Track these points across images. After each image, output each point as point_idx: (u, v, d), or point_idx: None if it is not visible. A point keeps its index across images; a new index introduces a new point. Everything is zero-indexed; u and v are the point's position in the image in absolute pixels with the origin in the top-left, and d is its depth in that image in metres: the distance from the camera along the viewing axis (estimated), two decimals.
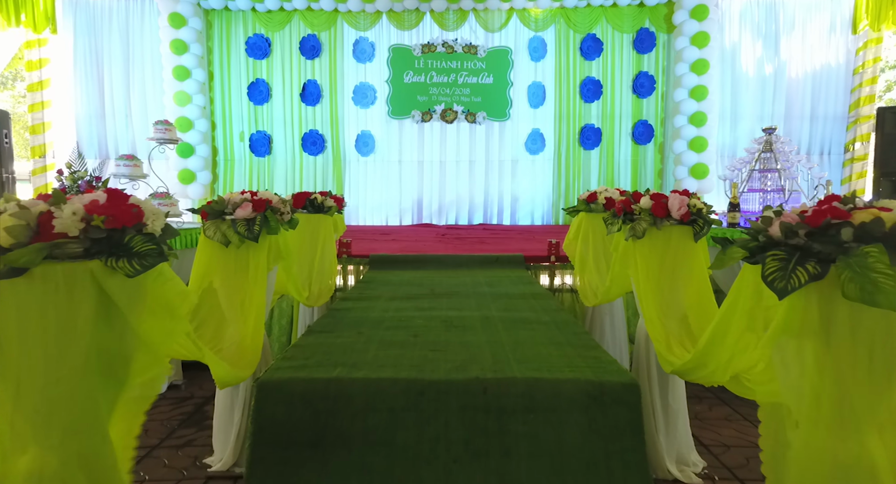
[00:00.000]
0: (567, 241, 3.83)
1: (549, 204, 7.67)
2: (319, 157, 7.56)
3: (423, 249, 4.72)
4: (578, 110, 7.55)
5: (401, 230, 6.57)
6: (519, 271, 3.98)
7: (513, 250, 4.61)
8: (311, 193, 3.63)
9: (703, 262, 2.50)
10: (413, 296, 3.05)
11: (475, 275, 3.81)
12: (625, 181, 7.61)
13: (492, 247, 4.85)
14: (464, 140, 7.64)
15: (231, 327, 2.26)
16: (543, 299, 2.99)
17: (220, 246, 2.38)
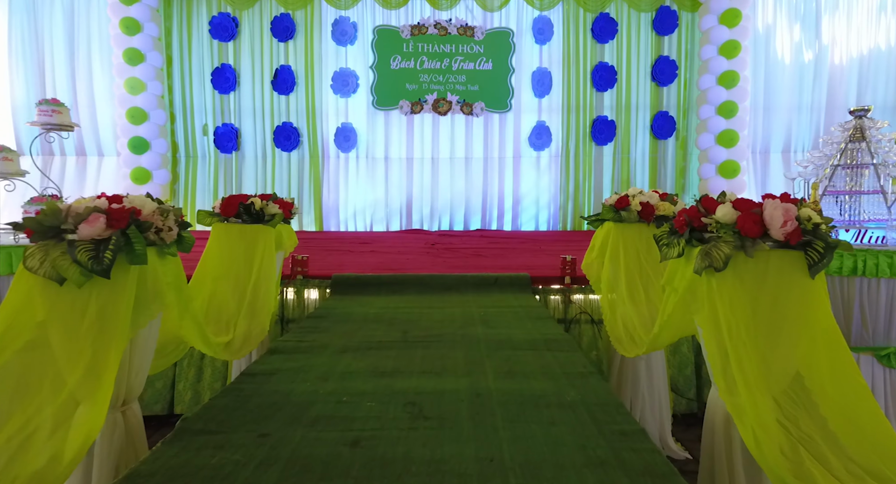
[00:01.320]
0: (588, 259, 2.91)
1: (555, 207, 6.75)
2: (294, 154, 6.64)
3: (407, 264, 3.80)
4: (589, 100, 6.63)
5: (384, 238, 5.65)
6: (524, 297, 3.06)
7: (515, 265, 3.70)
8: (247, 197, 2.72)
9: (822, 303, 1.60)
10: (375, 345, 2.14)
11: (467, 304, 2.89)
12: (641, 181, 6.69)
13: (490, 262, 3.94)
14: (459, 134, 6.72)
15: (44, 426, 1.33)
16: (562, 351, 2.07)
17: (49, 284, 1.49)
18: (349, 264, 3.73)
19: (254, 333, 2.40)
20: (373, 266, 3.68)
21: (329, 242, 5.25)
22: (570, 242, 5.19)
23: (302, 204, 6.63)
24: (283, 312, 3.15)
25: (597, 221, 2.86)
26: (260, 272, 2.61)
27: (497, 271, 3.51)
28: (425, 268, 3.64)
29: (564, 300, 3.17)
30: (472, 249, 4.67)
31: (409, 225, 6.76)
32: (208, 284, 2.56)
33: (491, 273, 3.28)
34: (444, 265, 3.75)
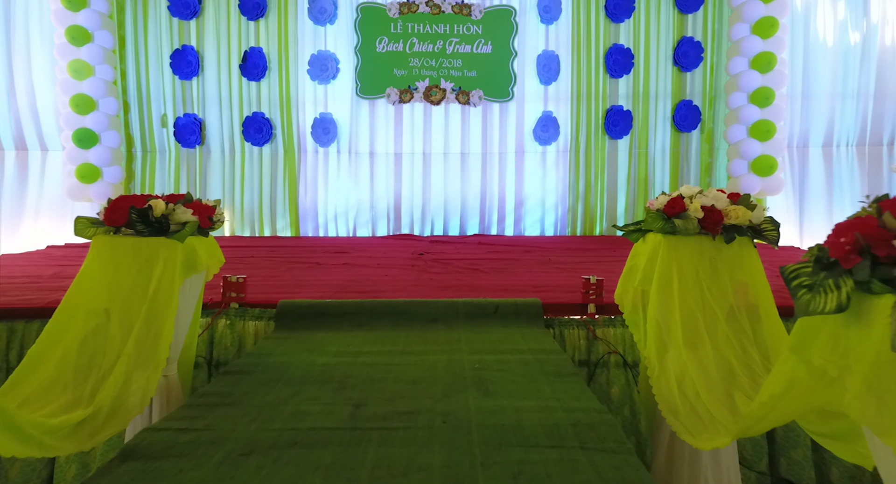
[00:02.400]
0: (623, 285, 2.11)
1: (563, 209, 5.95)
2: (266, 148, 5.84)
3: (383, 283, 3.01)
4: (602, 88, 5.83)
5: (365, 246, 4.85)
6: (535, 334, 2.26)
7: (521, 284, 2.90)
8: (144, 198, 1.92)
9: None
10: (304, 437, 1.34)
11: (457, 346, 2.09)
12: (661, 179, 5.89)
13: (489, 279, 3.14)
14: (454, 126, 5.92)
15: None
16: (604, 450, 1.27)
17: None
18: (309, 284, 2.93)
19: (131, 400, 1.60)
20: (340, 286, 2.88)
21: (299, 251, 4.45)
22: (584, 252, 4.39)
23: (275, 206, 5.83)
24: (211, 352, 2.34)
25: (636, 232, 2.05)
26: (155, 304, 1.81)
27: (498, 293, 2.71)
28: (406, 288, 2.84)
29: (587, 336, 2.36)
30: (466, 260, 3.87)
31: (398, 229, 5.96)
32: (79, 323, 1.76)
33: (490, 299, 2.47)
34: (431, 284, 2.95)
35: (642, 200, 5.86)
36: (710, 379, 1.69)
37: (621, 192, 5.89)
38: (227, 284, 2.39)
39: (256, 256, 4.02)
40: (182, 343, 2.06)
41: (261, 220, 5.83)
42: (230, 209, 5.82)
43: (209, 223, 2.04)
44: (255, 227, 5.84)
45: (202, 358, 2.32)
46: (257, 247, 4.65)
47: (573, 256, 4.15)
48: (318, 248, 4.66)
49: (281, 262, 3.75)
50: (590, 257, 4.04)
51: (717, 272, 1.82)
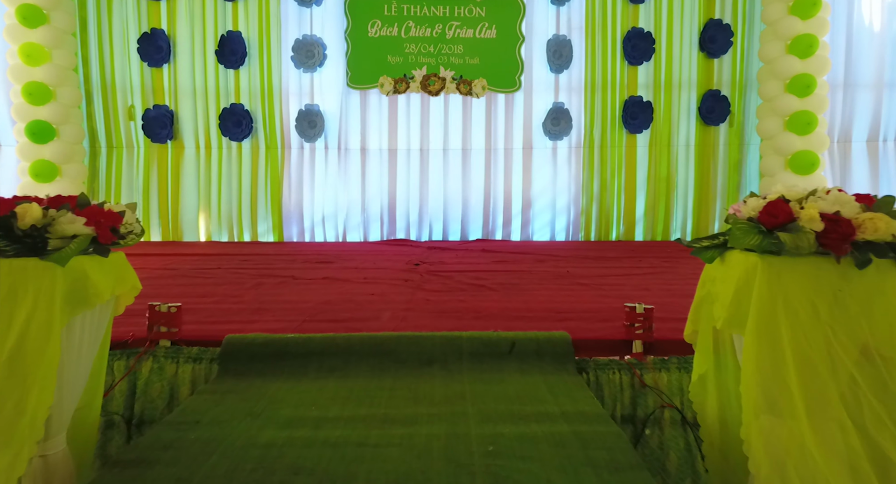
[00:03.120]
0: (694, 320, 1.52)
1: (575, 211, 5.36)
2: (246, 144, 5.25)
3: (367, 307, 2.42)
4: (620, 76, 5.25)
5: (353, 253, 4.26)
6: (565, 384, 1.67)
7: (539, 306, 2.32)
8: (13, 201, 1.33)
9: None
10: None
11: (462, 411, 1.50)
12: (685, 177, 5.30)
13: (499, 299, 2.54)
14: (454, 119, 5.33)
15: None
16: None
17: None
18: (274, 308, 2.34)
19: None
20: (312, 310, 2.29)
21: (276, 260, 3.87)
22: (605, 262, 3.80)
23: (256, 208, 5.24)
24: (132, 406, 1.75)
25: (713, 250, 1.46)
26: (18, 356, 1.24)
27: (511, 322, 2.12)
28: (396, 313, 2.25)
29: (633, 383, 1.77)
30: (469, 273, 3.28)
31: (393, 234, 5.37)
32: None
33: (503, 333, 1.88)
34: (427, 307, 2.36)
35: (663, 201, 5.27)
36: (857, 472, 1.11)
37: (640, 193, 5.31)
38: (155, 315, 1.79)
39: (224, 268, 3.43)
40: (76, 403, 1.47)
41: (240, 224, 5.24)
42: (206, 211, 5.23)
43: (112, 237, 1.45)
44: (233, 231, 5.25)
45: (118, 415, 1.73)
46: (229, 255, 4.06)
47: (593, 266, 3.57)
48: (298, 256, 4.07)
49: (250, 275, 3.16)
50: (613, 269, 3.45)
51: (846, 310, 1.24)
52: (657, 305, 2.28)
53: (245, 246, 4.78)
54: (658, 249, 4.62)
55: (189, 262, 3.72)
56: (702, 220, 5.28)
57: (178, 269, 3.36)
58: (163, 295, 2.43)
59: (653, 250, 4.48)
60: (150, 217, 5.18)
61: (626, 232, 5.33)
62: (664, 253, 4.27)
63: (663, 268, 3.48)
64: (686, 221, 5.31)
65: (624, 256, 4.11)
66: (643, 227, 5.33)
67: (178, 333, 1.79)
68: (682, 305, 2.07)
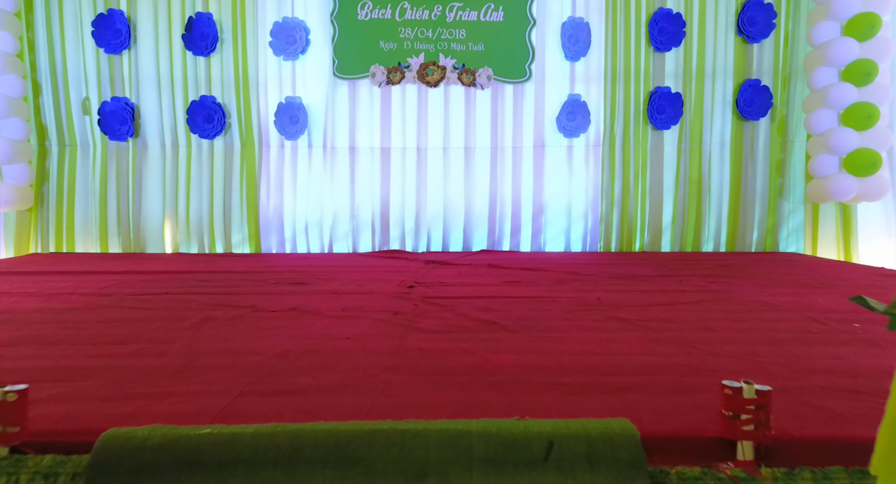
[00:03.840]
0: (889, 445, 0.83)
1: (593, 218, 4.71)
2: (218, 142, 4.61)
3: (337, 356, 1.78)
4: (645, 64, 4.60)
5: (336, 269, 3.60)
6: None
7: (573, 362, 1.68)
8: None
9: None
10: None
11: None
12: (720, 180, 4.65)
13: (515, 344, 1.89)
14: (456, 114, 4.69)
15: None
16: None
17: None
18: (205, 364, 1.69)
19: None
20: (255, 369, 1.64)
21: (241, 280, 3.22)
22: (639, 283, 3.15)
23: (229, 215, 4.60)
24: None
25: None
26: None
27: (539, 388, 1.47)
28: (372, 376, 1.60)
29: None
30: (475, 300, 2.63)
31: (386, 244, 4.73)
32: None
33: (533, 424, 1.23)
34: (419, 367, 1.71)
35: (694, 207, 4.62)
36: None
37: (668, 197, 4.66)
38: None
39: (172, 293, 2.78)
40: None
41: (211, 234, 4.60)
42: (172, 219, 4.58)
43: None
44: (203, 241, 4.60)
45: None
46: (188, 274, 3.41)
47: (626, 290, 2.92)
48: (272, 273, 3.42)
49: (200, 304, 2.51)
50: (652, 293, 2.80)
51: None
52: (745, 363, 1.64)
53: (214, 260, 4.13)
54: (691, 263, 3.97)
55: (133, 283, 3.07)
56: (738, 229, 4.63)
57: (112, 295, 2.71)
58: (38, 356, 1.79)
59: (687, 265, 3.83)
60: (107, 226, 4.53)
61: (651, 242, 4.68)
62: (702, 269, 3.62)
63: (714, 292, 2.83)
64: (720, 231, 4.66)
65: (657, 274, 3.46)
66: (670, 237, 4.68)
67: (19, 434, 1.14)
68: (786, 365, 1.47)
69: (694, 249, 4.67)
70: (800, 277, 3.28)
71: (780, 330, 2.05)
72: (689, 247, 4.67)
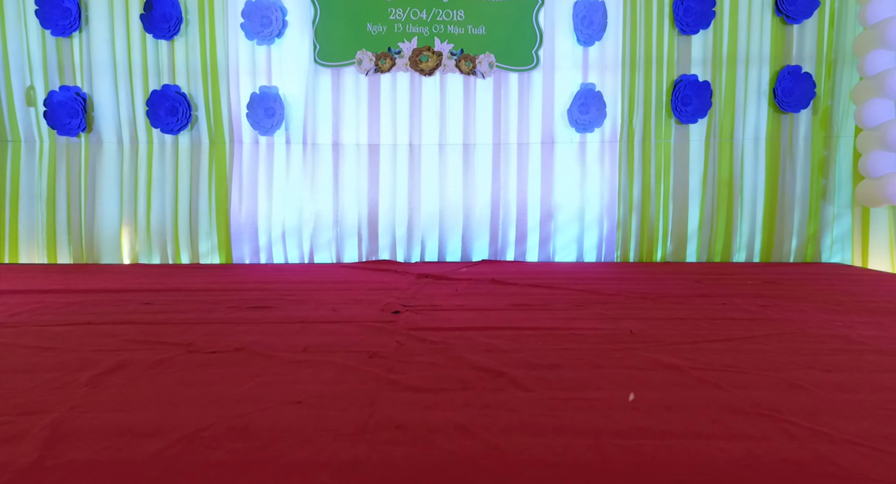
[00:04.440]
0: None
1: (610, 224, 4.15)
2: (184, 138, 4.05)
3: (276, 434, 1.22)
4: (669, 49, 4.05)
5: (310, 287, 3.04)
6: None
7: (609, 435, 1.10)
8: None
9: None
10: None
11: None
12: (753, 180, 4.09)
13: (537, 411, 1.33)
14: (454, 106, 4.14)
15: None
16: None
17: None
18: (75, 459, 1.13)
19: None
20: (143, 464, 1.08)
21: (193, 302, 2.66)
22: (673, 305, 2.59)
23: (196, 220, 4.05)
24: None
25: None
26: None
27: (561, 464, 0.91)
28: (326, 468, 1.04)
29: None
30: (476, 332, 2.08)
31: (374, 253, 4.17)
32: None
33: None
34: (394, 456, 1.14)
35: (724, 211, 4.07)
36: None
37: (694, 200, 4.10)
38: None
39: (97, 323, 2.23)
40: None
41: (175, 242, 4.04)
42: (130, 225, 4.03)
43: None
44: (166, 251, 4.05)
45: None
46: (128, 292, 2.86)
47: (663, 317, 2.36)
48: (232, 293, 2.86)
49: (124, 339, 1.96)
50: (695, 323, 2.24)
51: None
52: (881, 459, 1.02)
53: (173, 273, 3.57)
54: (725, 277, 3.42)
55: (55, 307, 2.52)
56: (774, 236, 4.07)
57: (15, 325, 2.15)
58: None
59: (722, 280, 3.28)
60: (56, 233, 3.98)
61: (674, 251, 4.13)
62: (744, 286, 3.06)
63: (774, 321, 2.28)
64: (753, 238, 4.10)
65: (692, 293, 2.90)
66: (696, 246, 4.12)
67: None
68: None
69: (723, 259, 4.11)
70: (868, 298, 2.72)
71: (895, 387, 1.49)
72: (717, 257, 4.11)
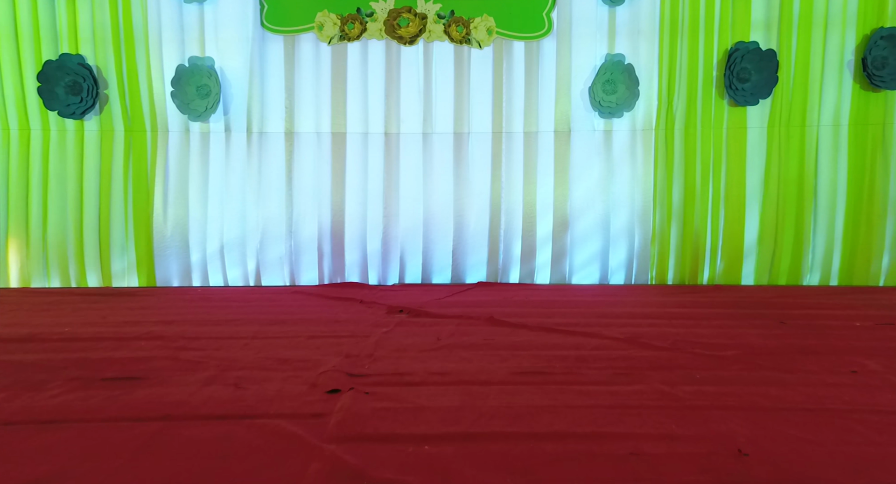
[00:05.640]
0: None
1: (642, 235, 3.21)
2: (90, 124, 3.12)
3: None
4: (722, 9, 3.11)
5: (220, 344, 2.11)
6: None
7: None
8: None
9: None
10: None
11: None
12: (830, 179, 3.15)
13: None
14: (443, 83, 3.20)
15: None
16: None
17: None
18: None
19: None
20: None
21: (24, 363, 1.72)
22: (768, 373, 1.65)
23: (110, 231, 3.12)
24: None
25: None
26: None
27: None
28: None
29: None
30: (459, 447, 1.16)
31: (339, 274, 3.24)
32: None
33: None
34: None
35: (793, 219, 3.13)
36: None
37: (752, 206, 3.17)
38: None
39: None
40: None
41: (80, 261, 3.12)
42: (20, 238, 3.10)
43: None
44: (68, 272, 3.12)
45: None
46: None
47: (764, 398, 1.44)
48: (104, 344, 1.92)
49: None
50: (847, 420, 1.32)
51: None
52: None
53: (53, 306, 2.63)
54: (808, 310, 2.49)
55: None
56: (859, 252, 3.13)
57: None
58: None
59: (811, 318, 2.35)
60: None
61: (726, 271, 3.19)
62: (853, 331, 2.13)
63: None
64: (831, 255, 3.16)
65: (788, 346, 1.96)
66: (755, 264, 3.19)
67: None
68: None
69: (791, 281, 3.17)
70: None
71: None
72: (782, 278, 3.18)
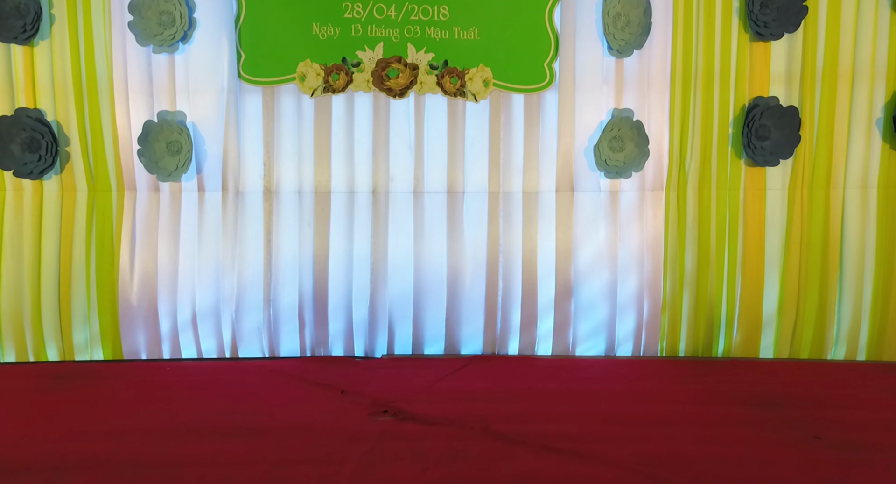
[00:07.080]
0: None
1: (652, 303, 2.96)
2: (50, 184, 2.86)
3: None
4: (738, 61, 2.87)
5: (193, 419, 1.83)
6: None
7: None
8: None
9: None
10: None
11: None
12: (858, 244, 2.90)
13: None
14: (436, 139, 2.96)
15: None
16: None
17: None
18: None
19: None
20: None
21: None
22: None
23: (72, 299, 2.86)
24: None
25: None
26: None
27: None
28: None
29: None
30: None
31: (322, 345, 2.98)
32: None
33: None
34: None
35: (816, 288, 2.88)
36: None
37: (772, 272, 2.92)
38: None
39: None
40: None
41: (38, 330, 2.85)
42: None
43: None
44: (25, 344, 2.85)
45: None
46: None
47: None
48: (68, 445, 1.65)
49: None
50: None
51: None
52: None
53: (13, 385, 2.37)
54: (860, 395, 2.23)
55: None
56: (890, 324, 2.87)
57: None
58: None
59: (845, 419, 2.09)
60: None
61: (742, 343, 2.93)
62: None
63: None
64: (858, 326, 2.90)
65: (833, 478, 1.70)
66: (775, 335, 2.93)
67: None
68: None
69: (814, 355, 2.92)
70: None
71: None
72: (805, 351, 2.92)
